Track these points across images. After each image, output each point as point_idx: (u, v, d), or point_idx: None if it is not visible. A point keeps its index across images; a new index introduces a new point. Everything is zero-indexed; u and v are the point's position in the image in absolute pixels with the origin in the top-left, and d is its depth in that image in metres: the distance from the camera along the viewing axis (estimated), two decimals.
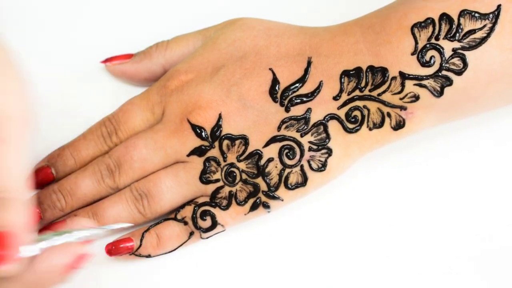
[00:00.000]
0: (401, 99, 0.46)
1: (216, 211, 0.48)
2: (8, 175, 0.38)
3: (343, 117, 0.47)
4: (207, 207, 0.47)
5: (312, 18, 0.52)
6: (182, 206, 0.48)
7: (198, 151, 0.47)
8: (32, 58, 0.54)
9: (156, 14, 0.55)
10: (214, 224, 0.48)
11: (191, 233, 0.48)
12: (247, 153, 0.47)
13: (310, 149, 0.47)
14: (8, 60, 0.40)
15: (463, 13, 0.44)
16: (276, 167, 0.47)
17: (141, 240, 0.48)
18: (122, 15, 0.55)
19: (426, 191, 0.49)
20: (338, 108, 0.47)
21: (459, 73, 0.45)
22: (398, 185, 0.49)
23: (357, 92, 0.46)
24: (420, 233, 0.48)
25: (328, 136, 0.47)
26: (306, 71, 0.47)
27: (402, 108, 0.46)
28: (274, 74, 0.47)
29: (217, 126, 0.47)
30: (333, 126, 0.47)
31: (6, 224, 0.37)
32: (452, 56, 0.45)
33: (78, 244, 0.40)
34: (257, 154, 0.47)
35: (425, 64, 0.45)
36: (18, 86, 0.40)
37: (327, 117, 0.47)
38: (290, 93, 0.47)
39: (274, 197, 0.47)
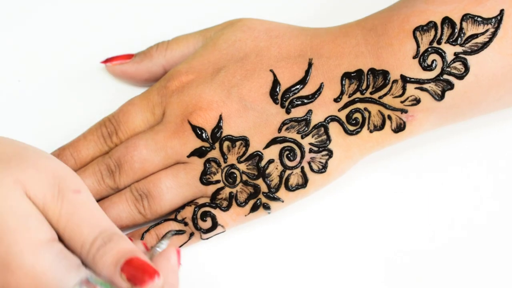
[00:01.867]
0: (402, 102, 0.46)
1: (216, 212, 0.48)
2: (101, 215, 0.42)
3: (343, 119, 0.47)
4: (207, 208, 0.48)
5: (313, 18, 0.52)
6: (183, 207, 0.48)
7: (198, 152, 0.47)
8: (33, 58, 0.54)
9: (157, 14, 0.55)
10: (215, 225, 0.48)
11: (191, 234, 0.48)
12: (247, 154, 0.47)
13: (310, 151, 0.47)
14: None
15: (465, 17, 0.44)
16: (276, 168, 0.47)
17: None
18: (122, 15, 0.55)
19: (426, 193, 0.49)
20: (339, 110, 0.47)
21: (460, 77, 0.45)
22: (398, 187, 0.50)
23: (358, 95, 0.47)
24: (420, 233, 0.49)
25: (328, 138, 0.47)
26: (307, 72, 0.47)
27: (403, 111, 0.46)
28: (274, 75, 0.47)
29: (218, 127, 0.47)
30: (334, 128, 0.47)
31: (129, 250, 0.40)
32: (453, 60, 0.45)
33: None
34: (257, 156, 0.47)
35: (427, 68, 0.45)
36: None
37: (327, 119, 0.47)
38: (291, 95, 0.47)
39: (274, 198, 0.47)
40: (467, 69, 0.45)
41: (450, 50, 0.45)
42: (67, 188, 0.42)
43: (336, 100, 0.47)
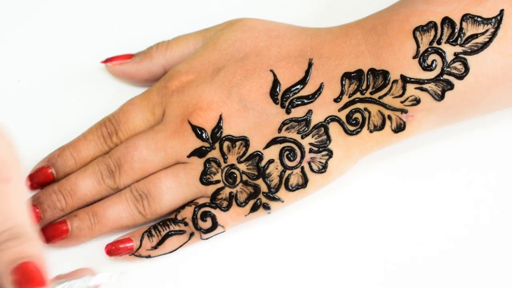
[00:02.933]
0: (402, 102, 0.46)
1: (216, 212, 0.48)
2: (20, 211, 0.39)
3: (344, 119, 0.47)
4: (207, 208, 0.48)
5: (313, 19, 0.52)
6: (182, 207, 0.48)
7: (198, 152, 0.47)
8: (33, 58, 0.54)
9: (157, 14, 0.55)
10: (215, 225, 0.48)
11: (191, 234, 0.48)
12: (247, 154, 0.47)
13: (310, 151, 0.47)
14: None
15: (465, 17, 0.44)
16: (276, 168, 0.47)
17: (141, 241, 0.48)
18: (122, 15, 0.55)
19: (426, 193, 0.49)
20: (339, 110, 0.47)
21: (460, 77, 0.45)
22: (398, 186, 0.50)
23: (358, 95, 0.47)
24: (420, 233, 0.49)
25: (328, 138, 0.47)
26: (307, 72, 0.47)
27: (403, 111, 0.46)
28: (275, 75, 0.47)
29: (218, 127, 0.47)
30: (334, 128, 0.47)
31: (29, 255, 0.38)
32: (453, 61, 0.45)
33: None
34: (257, 156, 0.47)
35: (427, 68, 0.45)
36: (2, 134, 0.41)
37: (328, 119, 0.47)
38: (291, 95, 0.47)
39: (274, 198, 0.47)
40: (467, 69, 0.45)
41: (450, 50, 0.45)
42: None
43: (336, 100, 0.47)
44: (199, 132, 0.47)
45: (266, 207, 0.48)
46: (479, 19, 0.44)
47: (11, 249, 0.38)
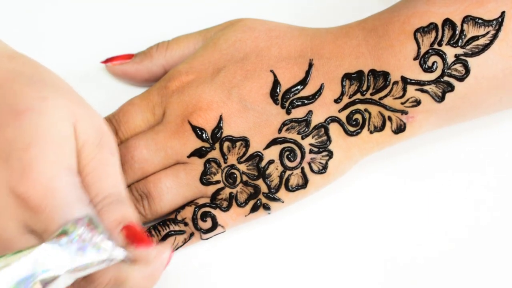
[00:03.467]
0: (402, 103, 0.46)
1: (216, 212, 0.48)
2: (121, 181, 0.42)
3: (344, 120, 0.47)
4: (207, 208, 0.48)
5: (313, 19, 0.52)
6: (182, 207, 0.48)
7: (198, 153, 0.47)
8: (32, 58, 0.53)
9: (157, 14, 0.55)
10: (215, 225, 0.48)
11: (191, 234, 0.48)
12: (247, 154, 0.47)
13: (311, 151, 0.47)
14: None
15: (466, 19, 0.44)
16: (276, 169, 0.47)
17: None
18: (122, 15, 0.55)
19: (426, 194, 0.49)
20: (339, 111, 0.47)
21: (461, 79, 0.45)
22: (398, 187, 0.50)
23: (358, 96, 0.47)
24: (420, 234, 0.49)
25: (329, 139, 0.47)
26: (308, 73, 0.47)
27: (403, 112, 0.46)
28: (275, 76, 0.47)
29: (218, 127, 0.47)
30: (334, 128, 0.47)
31: (133, 219, 0.41)
32: (454, 62, 0.45)
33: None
34: (257, 156, 0.47)
35: (427, 70, 0.45)
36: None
37: (328, 120, 0.47)
38: (291, 95, 0.47)
39: (274, 199, 0.47)
40: (467, 71, 0.45)
41: (450, 52, 0.45)
42: (106, 145, 0.42)
43: (336, 101, 0.47)
44: (199, 133, 0.47)
45: (266, 208, 0.48)
46: (480, 21, 0.44)
47: (119, 210, 0.41)
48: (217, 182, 0.47)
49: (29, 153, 0.39)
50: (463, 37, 0.45)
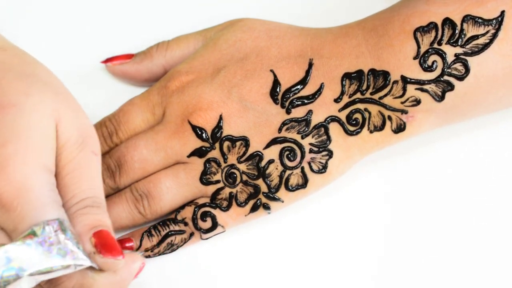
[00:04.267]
0: (402, 103, 0.46)
1: (216, 212, 0.48)
2: (100, 185, 0.42)
3: (344, 119, 0.47)
4: (207, 208, 0.48)
5: (313, 19, 0.52)
6: (182, 207, 0.48)
7: (198, 152, 0.47)
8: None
9: (157, 14, 0.55)
10: (215, 225, 0.48)
11: (191, 234, 0.48)
12: (247, 154, 0.47)
13: (310, 151, 0.47)
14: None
15: (466, 18, 0.44)
16: (276, 168, 0.47)
17: (141, 241, 0.47)
18: (122, 15, 0.55)
19: (426, 193, 0.49)
20: (339, 111, 0.47)
21: (460, 78, 0.45)
22: (398, 187, 0.50)
23: (358, 95, 0.47)
24: (420, 234, 0.49)
25: (329, 138, 0.47)
26: (307, 73, 0.47)
27: (403, 111, 0.46)
28: (275, 75, 0.47)
29: (218, 127, 0.47)
30: (334, 128, 0.47)
31: (107, 225, 0.40)
32: (454, 62, 0.45)
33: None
34: (257, 156, 0.47)
35: (427, 69, 0.45)
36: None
37: (328, 119, 0.47)
38: (291, 95, 0.47)
39: (274, 199, 0.47)
40: (467, 70, 0.45)
41: (450, 51, 0.45)
42: (89, 146, 0.42)
43: (336, 100, 0.47)
44: (199, 132, 0.47)
45: (266, 207, 0.48)
46: (480, 20, 0.44)
47: (93, 215, 0.40)
48: (217, 181, 0.47)
49: (6, 149, 0.39)
50: (463, 36, 0.45)
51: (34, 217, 0.38)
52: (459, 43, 0.45)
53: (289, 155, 0.47)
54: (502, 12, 0.44)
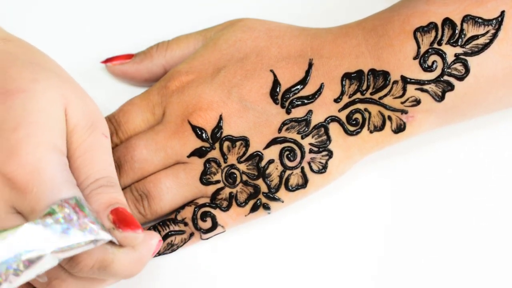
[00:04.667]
0: (402, 103, 0.46)
1: (216, 212, 0.48)
2: (112, 165, 0.43)
3: (344, 119, 0.47)
4: (207, 208, 0.48)
5: (313, 19, 0.52)
6: (182, 207, 0.48)
7: (198, 152, 0.47)
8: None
9: (157, 14, 0.55)
10: (215, 225, 0.48)
11: (191, 234, 0.48)
12: (247, 154, 0.47)
13: (310, 151, 0.47)
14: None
15: (466, 18, 0.44)
16: (276, 168, 0.47)
17: None
18: (122, 15, 0.55)
19: (426, 193, 0.49)
20: (339, 111, 0.47)
21: (460, 78, 0.45)
22: (397, 187, 0.50)
23: (358, 95, 0.47)
24: (420, 234, 0.49)
25: (329, 138, 0.47)
26: (307, 73, 0.47)
27: (403, 111, 0.46)
28: (275, 75, 0.47)
29: (218, 127, 0.47)
30: (334, 128, 0.47)
31: (123, 203, 0.41)
32: (454, 62, 0.45)
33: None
34: (257, 156, 0.47)
35: (427, 69, 0.45)
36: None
37: (328, 119, 0.47)
38: (291, 95, 0.47)
39: (274, 199, 0.47)
40: (467, 70, 0.45)
41: (450, 51, 0.45)
42: (98, 128, 0.43)
43: (336, 100, 0.47)
44: (199, 132, 0.47)
45: (266, 207, 0.48)
46: (479, 20, 0.44)
47: (109, 194, 0.41)
48: (217, 182, 0.47)
49: (18, 133, 0.39)
50: (462, 36, 0.45)
51: (50, 197, 0.38)
52: (459, 43, 0.45)
53: (289, 155, 0.47)
54: (502, 12, 0.44)
